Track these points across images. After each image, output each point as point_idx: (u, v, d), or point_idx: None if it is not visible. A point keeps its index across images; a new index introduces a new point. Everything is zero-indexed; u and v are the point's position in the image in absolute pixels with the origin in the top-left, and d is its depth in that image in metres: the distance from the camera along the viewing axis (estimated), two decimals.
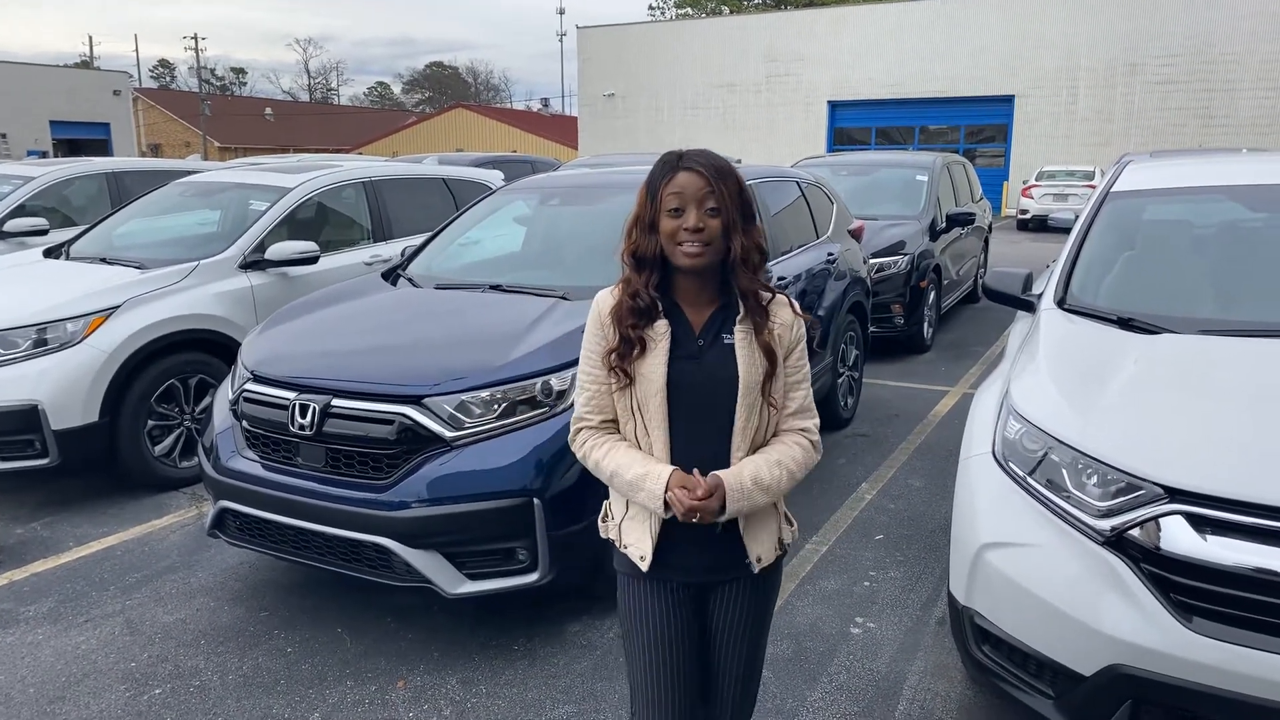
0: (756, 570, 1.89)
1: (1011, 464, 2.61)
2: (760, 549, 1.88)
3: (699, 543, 1.86)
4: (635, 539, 1.88)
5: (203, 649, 3.33)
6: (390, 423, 3.17)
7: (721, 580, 1.91)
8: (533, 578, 3.15)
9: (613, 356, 1.84)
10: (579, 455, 1.93)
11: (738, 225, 1.79)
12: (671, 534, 1.86)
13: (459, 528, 3.10)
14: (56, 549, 4.23)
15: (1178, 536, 2.18)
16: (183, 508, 4.68)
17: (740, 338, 1.82)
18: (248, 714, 2.94)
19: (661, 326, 1.83)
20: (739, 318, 1.83)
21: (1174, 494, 2.22)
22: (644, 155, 11.23)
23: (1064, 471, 2.45)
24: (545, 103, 71.50)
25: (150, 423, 4.82)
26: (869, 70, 29.56)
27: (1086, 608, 2.26)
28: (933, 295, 8.43)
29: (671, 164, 1.81)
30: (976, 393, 3.27)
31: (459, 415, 3.17)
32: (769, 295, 1.86)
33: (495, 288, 4.06)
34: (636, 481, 1.80)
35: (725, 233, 1.78)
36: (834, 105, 30.77)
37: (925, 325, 8.26)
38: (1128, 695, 2.22)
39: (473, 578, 3.15)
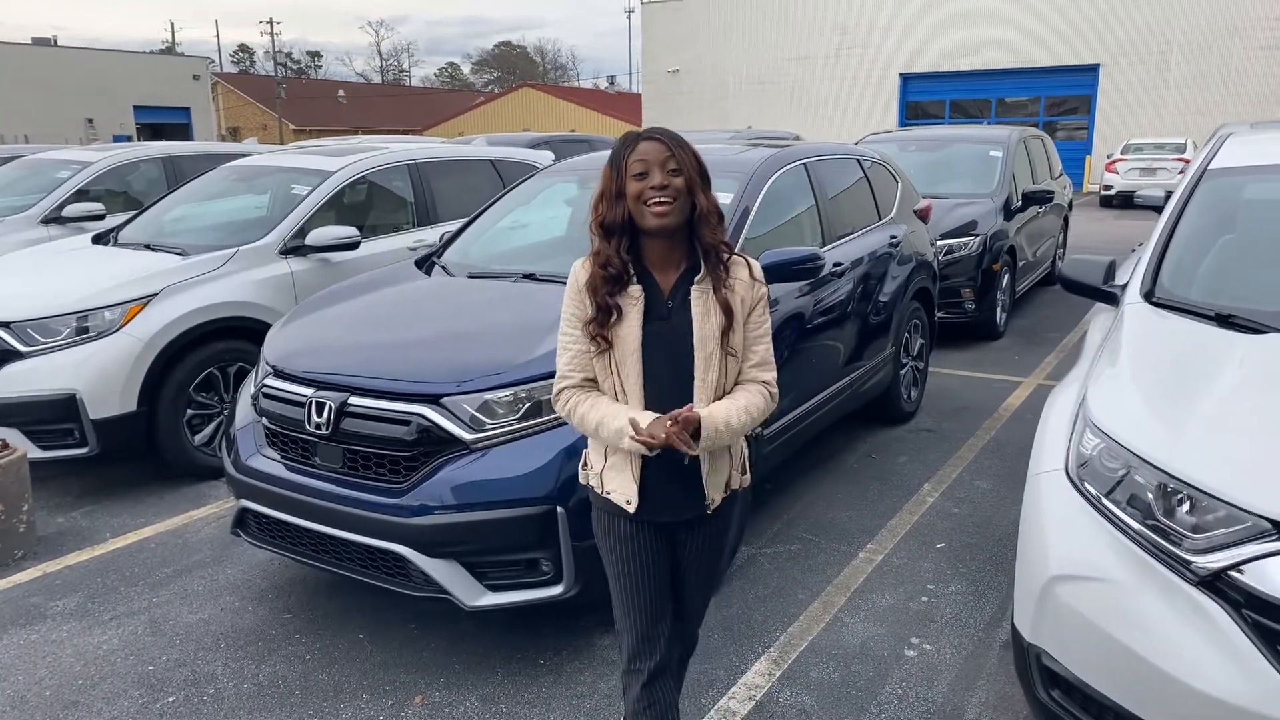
0: (710, 511, 2.07)
1: (1087, 484, 2.29)
2: (714, 492, 2.06)
3: (667, 486, 2.03)
4: (618, 486, 2.04)
5: (222, 652, 3.22)
6: (407, 423, 2.98)
7: (687, 522, 2.09)
8: (557, 590, 2.95)
9: (591, 326, 1.97)
10: (563, 412, 2.07)
11: (699, 185, 1.93)
12: (646, 481, 2.03)
13: (478, 536, 2.90)
14: (93, 540, 4.20)
15: None
16: (221, 498, 4.62)
17: (697, 295, 1.97)
18: None
19: (635, 291, 1.97)
20: (698, 277, 1.97)
21: None
22: (701, 133, 10.89)
23: (1149, 496, 2.13)
24: (611, 80, 71.21)
25: (189, 411, 4.77)
26: (942, 40, 28.44)
27: (1175, 657, 1.95)
28: (1006, 278, 7.97)
29: (632, 139, 1.97)
30: (1049, 397, 2.93)
31: (480, 416, 2.97)
32: (729, 253, 2.00)
33: (528, 276, 3.85)
34: (622, 429, 1.91)
35: (689, 190, 1.91)
36: (906, 78, 29.75)
37: (998, 310, 7.81)
38: None
39: (494, 589, 2.97)
